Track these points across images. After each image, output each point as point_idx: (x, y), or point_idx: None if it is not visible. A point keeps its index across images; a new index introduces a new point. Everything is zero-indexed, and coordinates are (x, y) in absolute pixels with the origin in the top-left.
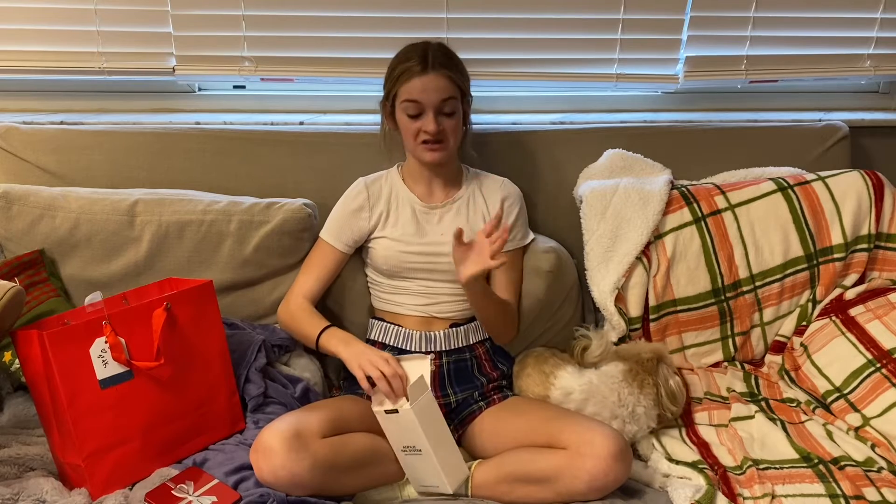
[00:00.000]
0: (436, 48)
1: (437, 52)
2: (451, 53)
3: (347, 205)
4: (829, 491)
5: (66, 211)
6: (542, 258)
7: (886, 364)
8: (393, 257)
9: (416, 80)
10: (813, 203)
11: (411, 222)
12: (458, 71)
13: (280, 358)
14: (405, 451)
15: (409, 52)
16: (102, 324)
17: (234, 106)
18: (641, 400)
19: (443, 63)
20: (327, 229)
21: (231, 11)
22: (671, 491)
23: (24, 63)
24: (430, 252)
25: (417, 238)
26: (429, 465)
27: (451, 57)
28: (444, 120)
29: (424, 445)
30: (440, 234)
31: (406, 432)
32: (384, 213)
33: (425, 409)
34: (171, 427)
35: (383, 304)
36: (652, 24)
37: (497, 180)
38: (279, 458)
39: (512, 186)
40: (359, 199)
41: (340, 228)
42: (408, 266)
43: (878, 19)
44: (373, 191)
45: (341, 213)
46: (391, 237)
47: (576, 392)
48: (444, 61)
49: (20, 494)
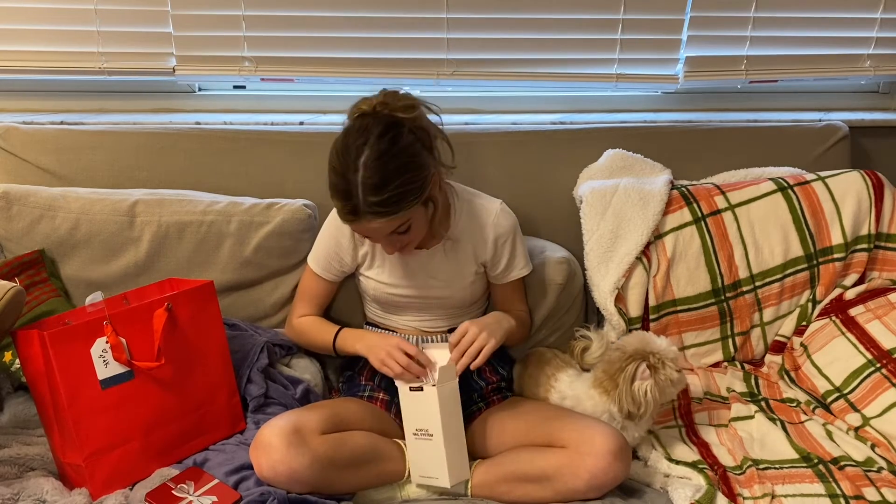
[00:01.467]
0: (367, 180)
1: (367, 189)
2: (386, 178)
3: (333, 238)
4: (829, 491)
5: (66, 211)
6: (555, 269)
7: (886, 364)
8: (382, 297)
9: (354, 225)
10: (813, 203)
11: (399, 266)
12: (394, 201)
13: (281, 359)
14: (416, 435)
15: (335, 183)
16: (103, 324)
17: (234, 106)
18: (610, 407)
19: (376, 205)
20: (314, 259)
21: (231, 11)
22: (671, 491)
23: (24, 63)
24: (419, 295)
25: (406, 281)
26: (435, 453)
27: (384, 185)
28: (399, 238)
29: (437, 430)
30: (429, 276)
31: (424, 413)
32: (369, 254)
33: (448, 396)
34: (172, 427)
35: (376, 317)
36: (652, 24)
37: (490, 212)
38: (278, 454)
39: (505, 220)
40: (343, 232)
41: (328, 261)
42: (398, 303)
43: (878, 19)
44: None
45: (326, 247)
46: (378, 279)
47: (568, 399)
48: (376, 203)
49: (20, 494)
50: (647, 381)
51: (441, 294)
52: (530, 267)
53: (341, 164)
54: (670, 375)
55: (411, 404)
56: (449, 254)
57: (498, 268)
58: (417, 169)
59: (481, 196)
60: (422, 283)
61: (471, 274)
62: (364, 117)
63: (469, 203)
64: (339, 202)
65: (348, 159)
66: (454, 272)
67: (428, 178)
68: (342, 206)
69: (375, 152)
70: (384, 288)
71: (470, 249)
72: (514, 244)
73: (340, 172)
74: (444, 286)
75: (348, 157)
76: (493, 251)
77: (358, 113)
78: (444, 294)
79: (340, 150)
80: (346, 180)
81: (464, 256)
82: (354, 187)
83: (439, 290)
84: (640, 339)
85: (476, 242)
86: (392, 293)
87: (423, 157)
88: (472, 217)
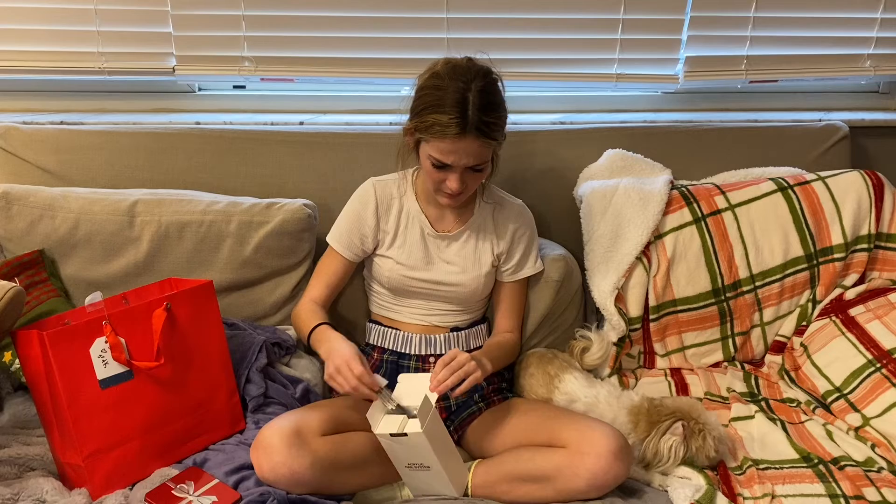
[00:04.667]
0: (479, 99)
1: (478, 107)
2: (494, 103)
3: (356, 213)
4: (829, 491)
5: (66, 211)
6: (551, 267)
7: (886, 364)
8: (396, 279)
9: (448, 143)
10: (813, 203)
11: (419, 247)
12: (497, 128)
13: (281, 359)
14: (410, 468)
15: (444, 98)
16: (102, 324)
17: (234, 106)
18: (629, 438)
19: (483, 124)
20: (335, 237)
21: (231, 11)
22: (671, 490)
23: (24, 63)
24: (433, 280)
25: (423, 264)
26: (435, 478)
27: (494, 109)
28: (469, 176)
29: (434, 463)
30: (446, 262)
31: (414, 453)
32: (392, 232)
33: (433, 429)
34: (172, 427)
35: (382, 310)
36: (652, 24)
37: (513, 208)
38: (279, 455)
39: (525, 216)
40: (368, 208)
41: (350, 237)
42: (410, 289)
43: (878, 19)
44: (382, 201)
45: (349, 221)
46: (397, 259)
47: (580, 402)
48: (485, 122)
49: (20, 494)
50: (677, 437)
51: (454, 280)
52: (541, 266)
53: (454, 80)
54: (707, 451)
55: (397, 447)
56: (468, 242)
57: (511, 261)
58: (506, 114)
59: (504, 193)
60: (438, 268)
61: (487, 265)
62: (458, 63)
63: (494, 196)
64: (447, 115)
65: (464, 78)
66: (470, 260)
67: (504, 133)
68: (450, 119)
69: (484, 83)
70: (400, 269)
71: (488, 239)
72: (530, 240)
73: (454, 88)
74: (458, 273)
75: (462, 76)
76: (510, 244)
77: (446, 61)
78: (457, 282)
79: (447, 73)
80: (461, 93)
81: (482, 246)
82: (469, 102)
83: (453, 276)
84: (691, 405)
85: (496, 233)
86: (406, 275)
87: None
88: (496, 209)
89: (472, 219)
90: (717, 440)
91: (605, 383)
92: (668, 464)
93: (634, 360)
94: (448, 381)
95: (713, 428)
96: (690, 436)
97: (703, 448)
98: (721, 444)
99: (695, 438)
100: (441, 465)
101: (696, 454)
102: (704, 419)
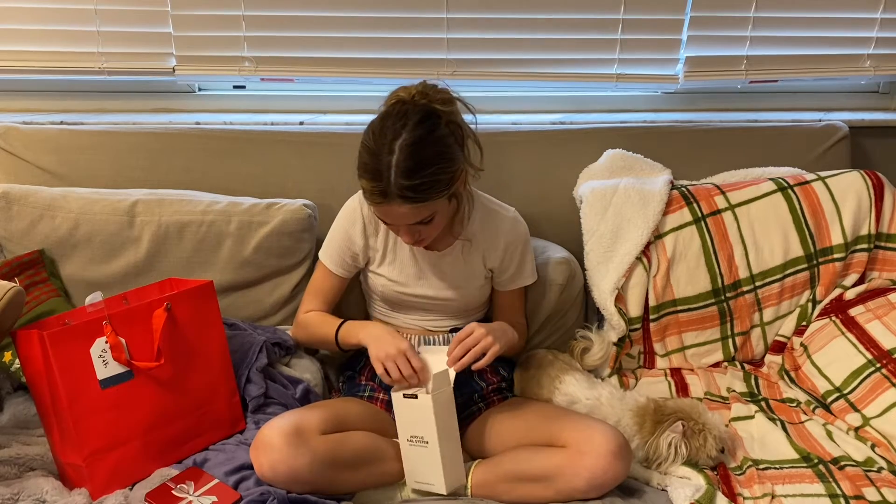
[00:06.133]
0: (403, 161)
1: (401, 171)
2: (424, 161)
3: (345, 232)
4: (829, 491)
5: (66, 211)
6: (555, 270)
7: (886, 364)
8: (390, 294)
9: (377, 208)
10: (813, 203)
11: (410, 263)
12: (427, 188)
13: (281, 359)
14: (411, 442)
15: (368, 162)
16: (103, 324)
17: (234, 106)
18: (634, 439)
19: (408, 189)
20: (326, 254)
21: (231, 11)
22: (671, 490)
23: (24, 63)
24: (427, 295)
25: (415, 280)
26: (431, 459)
27: (422, 168)
28: (422, 227)
29: (433, 438)
30: (438, 277)
31: (418, 421)
32: (382, 250)
33: (443, 403)
34: (172, 427)
35: (381, 316)
36: (652, 24)
37: (505, 220)
38: (279, 454)
39: (518, 228)
40: (356, 227)
41: (340, 255)
42: (405, 302)
43: (878, 19)
44: (370, 219)
45: (338, 240)
46: (389, 277)
47: (581, 403)
48: (409, 186)
49: (20, 494)
50: (676, 434)
51: (448, 296)
52: (535, 276)
53: (376, 144)
54: (709, 451)
55: (405, 411)
56: (460, 257)
57: (505, 274)
58: (449, 161)
59: (496, 203)
60: (431, 283)
61: (480, 278)
62: (403, 104)
63: (484, 208)
64: (369, 182)
65: (384, 140)
66: (463, 275)
67: (457, 172)
68: (372, 187)
69: (412, 137)
70: (393, 286)
71: (480, 254)
72: (523, 253)
73: (375, 152)
74: (452, 288)
75: (384, 137)
76: (503, 258)
77: (396, 99)
78: (451, 296)
79: (377, 131)
80: (379, 160)
81: (474, 260)
82: (387, 168)
83: (447, 292)
84: (692, 406)
85: (487, 248)
86: (400, 291)
87: (455, 152)
88: (487, 223)
89: (463, 235)
90: (718, 440)
91: (606, 384)
92: (669, 462)
93: (634, 361)
94: (464, 359)
95: (714, 427)
96: (691, 436)
97: (703, 448)
98: (723, 444)
99: (695, 438)
100: (438, 444)
101: (697, 454)
102: (705, 419)
